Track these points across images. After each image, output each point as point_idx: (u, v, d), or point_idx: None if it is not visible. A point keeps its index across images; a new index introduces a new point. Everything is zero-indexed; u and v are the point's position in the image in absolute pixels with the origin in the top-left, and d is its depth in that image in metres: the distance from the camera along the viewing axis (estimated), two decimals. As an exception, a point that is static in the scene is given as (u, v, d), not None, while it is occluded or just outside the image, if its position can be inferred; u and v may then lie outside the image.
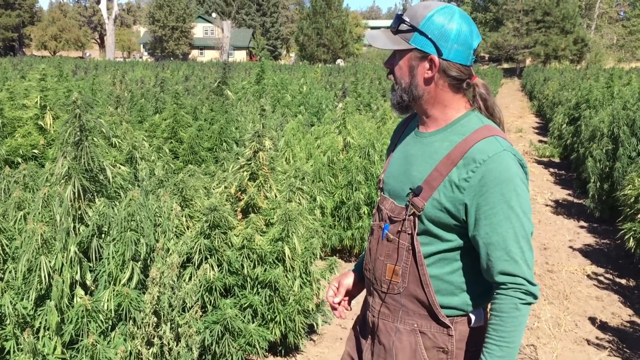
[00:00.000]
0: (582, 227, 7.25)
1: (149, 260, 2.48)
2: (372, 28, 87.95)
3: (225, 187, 3.61)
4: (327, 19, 62.75)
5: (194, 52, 68.03)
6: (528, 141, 14.46)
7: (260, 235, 3.40)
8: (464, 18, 1.67)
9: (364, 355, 1.90)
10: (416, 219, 1.65)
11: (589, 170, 7.49)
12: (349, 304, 2.00)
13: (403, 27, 1.68)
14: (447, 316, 1.67)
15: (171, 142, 6.18)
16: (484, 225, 1.57)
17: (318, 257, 3.59)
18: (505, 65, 62.56)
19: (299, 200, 3.87)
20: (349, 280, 1.99)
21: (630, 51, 69.30)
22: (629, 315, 4.51)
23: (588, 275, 5.40)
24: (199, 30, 69.91)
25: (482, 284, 1.68)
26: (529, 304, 1.57)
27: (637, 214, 5.26)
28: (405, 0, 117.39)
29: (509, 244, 1.55)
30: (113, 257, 2.31)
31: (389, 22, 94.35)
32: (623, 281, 5.29)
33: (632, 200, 5.39)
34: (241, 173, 3.52)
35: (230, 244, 3.25)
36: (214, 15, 71.96)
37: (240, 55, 65.65)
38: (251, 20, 74.88)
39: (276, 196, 3.66)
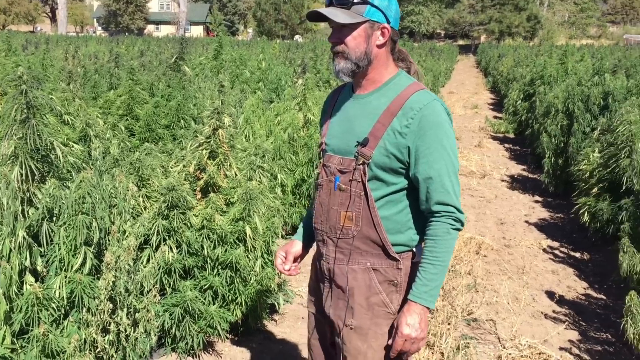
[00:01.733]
0: (537, 201, 7.38)
1: (103, 244, 2.37)
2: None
3: (184, 166, 3.49)
4: (285, -6, 61.91)
5: (150, 27, 66.36)
6: (483, 117, 14.63)
7: (221, 215, 3.32)
8: None
9: (324, 302, 2.07)
10: (365, 167, 1.87)
11: (544, 146, 7.61)
12: (298, 267, 2.21)
13: (356, 1, 1.86)
14: (396, 252, 1.91)
15: (127, 120, 5.98)
16: (422, 163, 1.82)
17: (280, 236, 3.53)
18: (461, 42, 63.18)
19: (260, 178, 3.79)
20: (295, 248, 2.19)
21: (581, 28, 70.85)
22: (584, 289, 4.62)
23: (544, 250, 5.50)
24: (155, 4, 68.13)
25: (422, 221, 1.92)
26: (458, 229, 1.86)
27: (591, 189, 5.37)
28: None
29: (443, 178, 1.82)
30: (64, 242, 2.19)
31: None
32: (577, 254, 5.41)
33: (587, 175, 5.50)
34: (200, 151, 3.42)
35: (189, 225, 3.16)
36: (170, -11, 70.18)
37: (197, 31, 64.36)
38: (208, -5, 73.32)
39: (236, 175, 3.57)
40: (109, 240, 2.36)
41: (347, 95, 2.03)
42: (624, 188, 4.86)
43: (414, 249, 1.94)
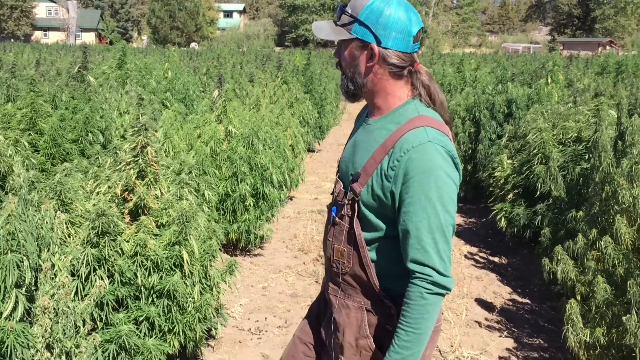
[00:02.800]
0: (450, 207, 7.59)
1: (33, 284, 2.11)
2: (225, 12, 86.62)
3: (109, 187, 3.23)
4: (179, 1, 60.89)
5: (37, 34, 62.70)
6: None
7: (153, 239, 3.09)
8: (402, 5, 1.69)
9: (322, 329, 1.99)
10: (356, 204, 1.72)
11: (455, 153, 7.86)
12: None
13: (344, 17, 1.71)
14: (390, 296, 1.74)
15: (30, 134, 5.52)
16: (402, 213, 1.62)
17: (218, 258, 3.35)
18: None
19: (189, 197, 3.59)
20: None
21: (463, 37, 74.96)
22: (509, 294, 4.77)
23: (465, 256, 5.65)
24: (42, 9, 64.41)
25: None
26: (438, 294, 1.61)
27: (507, 195, 5.58)
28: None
29: (422, 233, 1.59)
30: (-7, 284, 1.92)
31: (241, 6, 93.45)
32: (496, 259, 5.60)
33: (501, 182, 5.71)
34: (127, 171, 3.17)
35: (121, 252, 2.91)
36: (57, -6, 66.70)
37: (89, 38, 61.51)
38: (99, 1, 70.40)
39: (162, 194, 3.35)
40: (39, 278, 2.10)
41: (364, 117, 1.87)
42: (538, 193, 5.08)
43: None
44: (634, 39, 65.21)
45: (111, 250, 2.83)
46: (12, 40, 49.98)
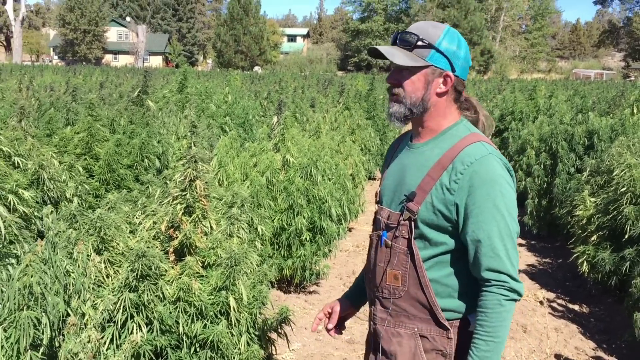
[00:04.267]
0: (520, 244, 7.05)
1: (56, 339, 1.84)
2: (289, 36, 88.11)
3: (154, 223, 2.98)
4: (244, 26, 62.22)
5: (108, 57, 65.34)
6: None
7: (199, 282, 2.80)
8: (462, 38, 1.83)
9: None
10: (412, 223, 1.74)
11: (527, 186, 7.33)
12: (342, 328, 2.13)
13: (420, 44, 1.75)
14: (447, 319, 1.74)
15: (85, 159, 5.42)
16: (471, 224, 1.67)
17: (270, 304, 3.02)
18: (419, 75, 64.13)
19: (240, 233, 3.30)
20: (341, 307, 2.10)
21: (532, 62, 73.18)
22: (593, 350, 4.23)
23: (540, 302, 5.13)
24: (113, 34, 67.13)
25: (476, 286, 1.72)
26: (513, 300, 1.67)
27: (590, 237, 5.04)
28: (320, 9, 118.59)
29: (494, 241, 1.65)
30: (2, 346, 1.66)
31: (304, 30, 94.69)
32: (576, 307, 5.05)
33: (584, 222, 5.17)
34: (174, 206, 2.91)
35: (162, 297, 2.63)
36: (128, 19, 69.44)
37: (156, 61, 63.54)
38: (167, 25, 72.86)
39: (212, 228, 3.07)
40: (63, 335, 1.83)
41: (405, 144, 1.92)
42: (626, 237, 4.54)
43: (468, 317, 1.75)
44: None
45: (151, 295, 2.56)
46: (84, 63, 52.20)
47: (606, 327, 4.62)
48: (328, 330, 2.10)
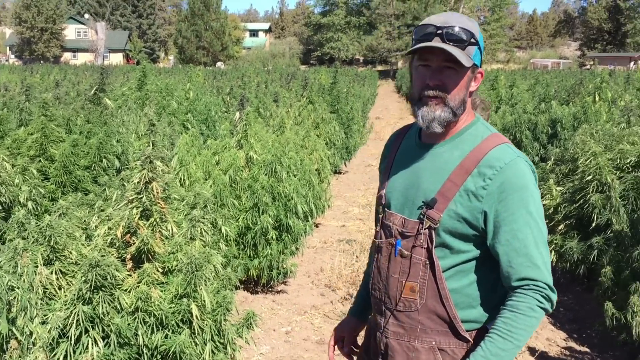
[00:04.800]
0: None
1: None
2: (251, 31, 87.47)
3: (110, 229, 2.81)
4: (205, 22, 61.55)
5: (67, 55, 63.81)
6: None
7: (159, 290, 2.66)
8: None
9: None
10: (432, 232, 1.62)
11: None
12: (357, 347, 2.01)
13: (473, 41, 1.63)
14: (466, 330, 1.65)
15: (40, 161, 5.17)
16: (504, 232, 1.57)
17: (235, 310, 2.89)
18: (380, 68, 64.90)
19: (202, 235, 3.15)
20: (351, 327, 2.00)
21: (491, 53, 74.23)
22: (564, 340, 4.23)
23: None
24: (71, 31, 65.53)
25: (497, 294, 1.65)
26: (545, 310, 1.56)
27: (557, 226, 5.03)
28: (281, 4, 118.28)
29: (530, 249, 1.56)
30: None
31: (266, 25, 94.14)
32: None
33: (550, 211, 5.16)
34: (129, 210, 2.75)
35: (119, 307, 2.48)
36: (86, 16, 67.92)
37: (117, 58, 62.27)
38: (127, 22, 71.50)
39: (173, 232, 2.93)
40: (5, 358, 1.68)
41: (412, 142, 1.78)
42: (593, 225, 4.54)
43: (487, 326, 1.64)
44: (667, 53, 63.88)
45: (107, 306, 2.40)
46: (42, 61, 50.81)
47: (575, 316, 4.62)
48: (345, 355, 2.02)
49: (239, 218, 4.60)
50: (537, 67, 55.79)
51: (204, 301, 2.64)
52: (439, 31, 1.60)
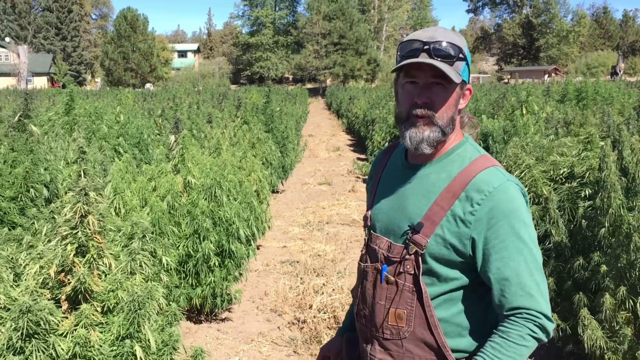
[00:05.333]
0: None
1: None
2: (179, 52, 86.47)
3: (42, 267, 2.61)
4: (133, 43, 60.46)
5: (-13, 79, 60.87)
6: (348, 159, 14.63)
7: (98, 331, 2.48)
8: None
9: None
10: (419, 257, 1.56)
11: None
12: None
13: (461, 57, 1.57)
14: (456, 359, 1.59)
15: (-43, 195, 4.83)
16: (495, 260, 1.51)
17: (182, 348, 2.74)
18: (309, 85, 65.68)
19: (142, 267, 2.98)
20: (338, 348, 1.93)
21: (415, 70, 76.67)
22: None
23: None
24: (-9, 55, 62.73)
25: (488, 323, 1.59)
26: (539, 340, 1.49)
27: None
28: (209, 24, 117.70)
29: (523, 277, 1.49)
30: None
31: (194, 46, 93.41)
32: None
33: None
34: (63, 247, 2.56)
35: (54, 355, 2.28)
36: (7, 39, 65.17)
37: (41, 82, 59.89)
38: (50, 45, 69.18)
39: (110, 267, 2.75)
40: None
41: (397, 162, 1.72)
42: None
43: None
44: (577, 66, 67.56)
45: (41, 355, 2.21)
46: (-42, 87, 48.29)
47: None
48: None
49: (179, 246, 4.42)
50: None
51: (149, 341, 2.48)
52: (426, 47, 1.54)
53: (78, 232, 2.56)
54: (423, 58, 1.53)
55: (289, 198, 10.71)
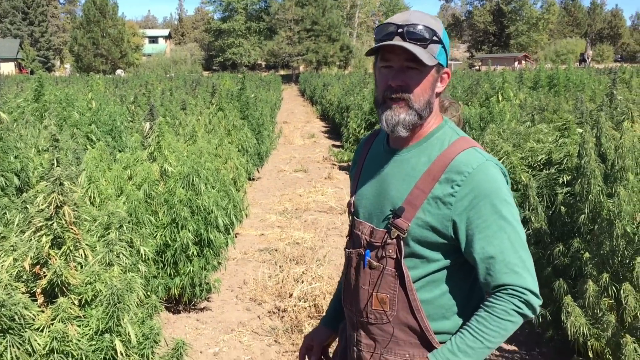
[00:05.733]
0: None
1: None
2: (150, 37, 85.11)
3: (16, 260, 2.51)
4: (102, 28, 59.29)
5: (-50, 66, 59.20)
6: (323, 146, 14.59)
7: (76, 325, 2.39)
8: None
9: None
10: (401, 241, 1.58)
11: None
12: (328, 358, 1.95)
13: (435, 39, 1.57)
14: (440, 342, 1.59)
15: None
16: (478, 240, 1.52)
17: (163, 341, 2.67)
18: (282, 72, 65.40)
19: (120, 258, 2.90)
20: (322, 337, 1.93)
21: (385, 55, 76.88)
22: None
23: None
24: (-45, 41, 60.92)
25: (471, 304, 1.60)
26: (524, 315, 1.51)
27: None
28: (180, 10, 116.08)
29: (508, 255, 1.51)
30: None
31: (166, 31, 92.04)
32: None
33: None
34: (38, 239, 2.47)
35: (31, 351, 2.20)
36: (-28, 24, 63.45)
37: (8, 68, 58.36)
38: (17, 30, 67.49)
39: (87, 259, 2.66)
40: None
41: (379, 147, 1.73)
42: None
43: None
44: (546, 53, 68.40)
45: (17, 351, 2.12)
46: None
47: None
48: None
49: (156, 235, 4.33)
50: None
51: (129, 335, 2.41)
52: (400, 30, 1.54)
53: (53, 223, 2.47)
54: (397, 41, 1.54)
55: (265, 185, 10.63)
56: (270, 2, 69.13)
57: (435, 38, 1.56)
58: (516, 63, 54.77)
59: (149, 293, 4.28)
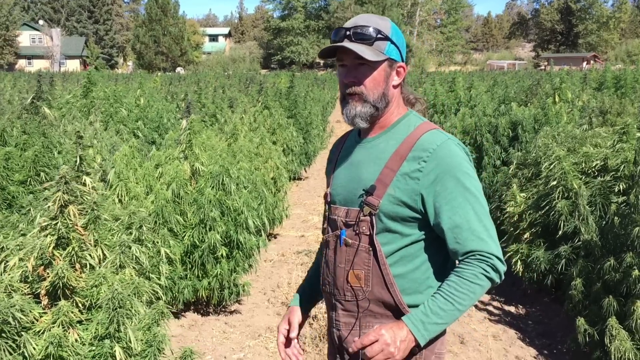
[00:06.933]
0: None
1: None
2: (210, 36, 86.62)
3: (21, 259, 2.44)
4: (164, 27, 60.82)
5: (21, 62, 62.08)
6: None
7: (79, 329, 2.30)
8: None
9: None
10: (373, 218, 1.67)
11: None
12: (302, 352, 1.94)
13: (380, 37, 1.70)
14: None
15: (-35, 177, 4.74)
16: (445, 211, 1.62)
17: (168, 349, 2.55)
18: (338, 71, 64.89)
19: (141, 258, 2.80)
20: (297, 317, 1.92)
21: (448, 55, 75.21)
22: (534, 358, 3.97)
23: (476, 306, 4.86)
24: (26, 38, 63.82)
25: (445, 278, 1.65)
26: (491, 280, 1.60)
27: (522, 234, 4.82)
28: (240, 8, 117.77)
29: (473, 224, 1.61)
30: None
31: (226, 30, 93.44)
32: (513, 309, 4.82)
33: (515, 219, 4.95)
34: (42, 239, 2.38)
35: (27, 355, 2.11)
36: (41, 22, 66.19)
37: (74, 65, 60.75)
38: (83, 28, 70.03)
39: (101, 260, 2.57)
40: None
41: (352, 141, 1.85)
42: (560, 233, 4.34)
43: None
44: (617, 53, 65.55)
45: (9, 356, 2.04)
46: (-5, 69, 49.18)
47: (545, 330, 4.40)
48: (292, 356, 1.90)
49: (184, 236, 4.24)
50: (494, 68, 56.64)
51: (130, 342, 2.29)
52: (347, 32, 1.70)
53: (58, 223, 2.38)
54: (345, 43, 1.68)
55: (311, 185, 10.50)
56: (330, 0, 69.17)
57: (380, 36, 1.69)
58: (584, 63, 52.77)
59: (174, 294, 4.20)
